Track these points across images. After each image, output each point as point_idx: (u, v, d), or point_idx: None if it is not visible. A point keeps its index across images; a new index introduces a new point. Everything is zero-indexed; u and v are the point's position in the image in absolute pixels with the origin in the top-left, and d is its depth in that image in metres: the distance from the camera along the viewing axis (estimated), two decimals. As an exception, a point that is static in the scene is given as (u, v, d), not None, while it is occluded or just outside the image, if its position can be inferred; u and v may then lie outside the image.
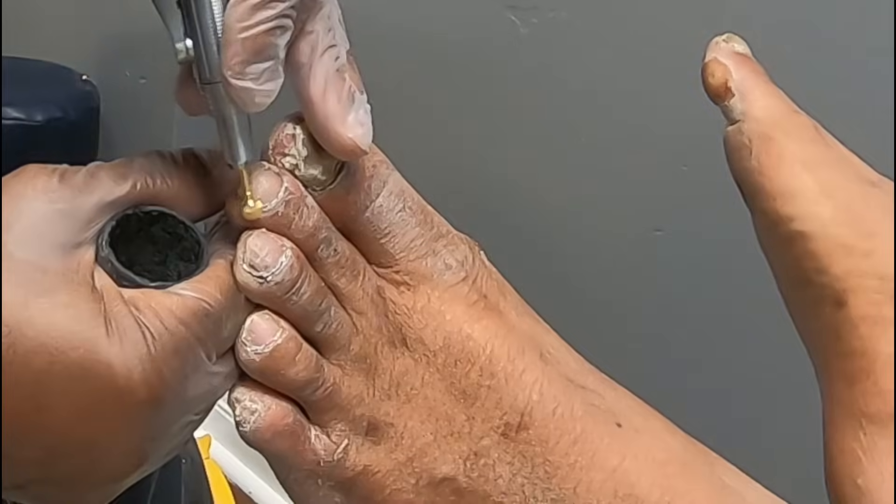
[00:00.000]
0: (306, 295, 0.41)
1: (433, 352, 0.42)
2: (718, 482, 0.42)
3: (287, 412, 0.41)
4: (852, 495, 0.38)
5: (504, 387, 0.42)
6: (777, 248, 0.41)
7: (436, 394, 0.42)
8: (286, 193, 0.41)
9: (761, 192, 0.41)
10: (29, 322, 0.37)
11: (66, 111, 1.49)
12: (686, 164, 0.96)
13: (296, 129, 0.42)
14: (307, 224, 0.41)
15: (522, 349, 0.43)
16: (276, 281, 0.40)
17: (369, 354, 0.42)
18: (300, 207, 0.41)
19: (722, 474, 0.42)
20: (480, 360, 0.42)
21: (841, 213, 0.40)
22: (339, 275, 0.42)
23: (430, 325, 0.42)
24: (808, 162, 0.41)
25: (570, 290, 1.04)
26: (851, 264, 0.39)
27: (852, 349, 0.39)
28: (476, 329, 0.42)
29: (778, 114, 0.42)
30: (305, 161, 0.42)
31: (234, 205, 0.42)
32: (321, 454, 0.42)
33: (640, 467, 0.41)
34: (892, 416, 0.38)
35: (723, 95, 0.42)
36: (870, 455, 0.38)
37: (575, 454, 0.41)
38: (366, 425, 0.42)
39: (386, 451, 0.42)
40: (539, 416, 0.41)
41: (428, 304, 0.43)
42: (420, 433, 0.42)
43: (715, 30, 0.44)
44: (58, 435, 0.38)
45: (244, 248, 0.40)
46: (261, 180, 0.41)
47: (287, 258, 0.40)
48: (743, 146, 0.41)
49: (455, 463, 0.42)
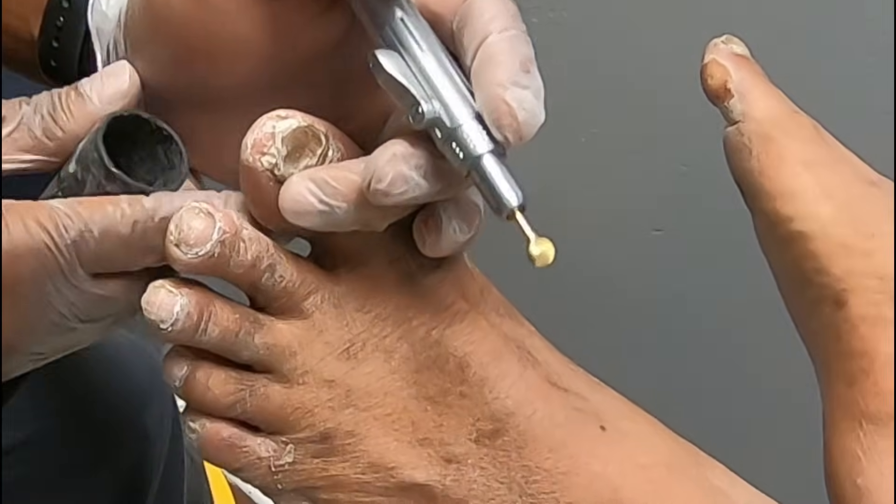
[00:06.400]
0: (214, 334, 0.41)
1: (398, 359, 0.42)
2: (706, 484, 0.41)
3: (219, 428, 0.42)
4: (852, 495, 0.38)
5: (476, 393, 0.41)
6: (777, 248, 0.41)
7: (400, 402, 0.41)
8: (220, 234, 0.40)
9: (761, 193, 0.41)
10: None
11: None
12: (686, 164, 0.96)
13: (275, 126, 0.41)
14: (246, 259, 0.41)
15: (499, 353, 0.42)
16: (176, 330, 0.41)
17: (318, 368, 0.41)
18: (236, 244, 0.41)
19: (711, 476, 0.42)
20: (449, 367, 0.41)
21: (841, 213, 0.40)
22: (287, 298, 0.42)
23: (394, 331, 0.42)
24: (808, 162, 0.41)
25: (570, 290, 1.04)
26: (851, 264, 0.39)
27: (852, 349, 0.39)
28: (446, 334, 0.42)
29: (777, 114, 0.42)
30: (285, 160, 0.41)
31: None
32: (270, 460, 0.42)
33: (623, 472, 0.41)
34: (892, 416, 0.38)
35: (722, 96, 0.42)
36: (870, 455, 0.38)
37: (554, 459, 0.41)
38: (318, 435, 0.41)
39: (343, 459, 0.41)
40: (515, 423, 0.41)
41: (395, 310, 0.42)
42: (383, 442, 0.41)
43: (714, 31, 0.44)
44: None
45: (144, 300, 0.41)
46: (191, 224, 0.40)
47: (182, 307, 0.41)
48: (743, 147, 0.41)
49: (425, 469, 0.41)
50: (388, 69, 0.39)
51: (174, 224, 0.40)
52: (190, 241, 0.40)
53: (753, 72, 0.42)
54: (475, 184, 0.38)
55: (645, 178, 0.99)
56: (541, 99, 0.38)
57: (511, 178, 0.38)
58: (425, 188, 0.39)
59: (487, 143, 0.38)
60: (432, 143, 0.39)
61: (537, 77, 0.39)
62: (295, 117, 0.41)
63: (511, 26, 0.39)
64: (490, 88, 0.38)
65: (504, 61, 0.38)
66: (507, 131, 0.38)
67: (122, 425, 0.68)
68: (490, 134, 0.38)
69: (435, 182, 0.39)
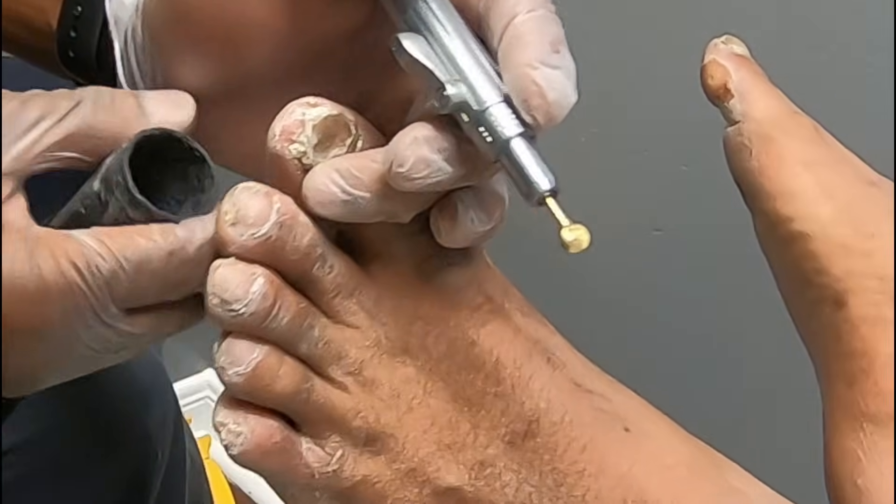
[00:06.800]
0: (285, 320, 0.39)
1: (436, 359, 0.41)
2: (727, 485, 0.41)
3: (273, 430, 0.40)
4: (852, 495, 0.38)
5: (511, 394, 0.41)
6: (777, 248, 0.41)
7: (439, 402, 0.41)
8: (279, 215, 0.39)
9: (761, 193, 0.41)
10: None
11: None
12: (686, 164, 0.96)
13: (305, 114, 0.39)
14: (301, 244, 0.39)
15: (529, 354, 0.42)
16: (249, 312, 0.38)
17: (364, 368, 0.41)
18: (294, 228, 0.39)
19: (730, 477, 0.42)
20: (486, 367, 0.41)
21: (841, 213, 0.40)
22: (335, 293, 0.40)
23: (432, 331, 0.41)
24: (808, 162, 0.41)
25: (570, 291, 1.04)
26: (851, 265, 0.39)
27: (852, 349, 0.39)
28: (481, 334, 0.41)
29: (777, 114, 0.42)
30: (315, 149, 0.39)
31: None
32: (315, 466, 0.41)
33: (648, 472, 0.41)
34: (892, 417, 0.38)
35: (722, 97, 0.42)
36: (870, 455, 0.38)
37: (584, 462, 0.40)
38: (364, 437, 0.41)
39: (386, 462, 0.41)
40: (547, 424, 0.41)
41: (431, 309, 0.41)
42: (422, 443, 0.41)
43: (714, 31, 0.44)
44: None
45: (212, 279, 0.39)
46: (249, 203, 0.39)
47: (259, 286, 0.38)
48: (743, 147, 0.41)
49: (460, 472, 0.40)
50: (411, 52, 0.38)
51: (230, 203, 0.39)
52: (248, 221, 0.38)
53: (753, 72, 0.42)
54: (504, 168, 0.37)
55: (645, 178, 0.99)
56: (572, 80, 0.37)
57: (542, 161, 0.37)
58: (448, 172, 0.38)
59: (517, 125, 0.37)
60: (456, 127, 0.38)
61: (568, 57, 0.37)
62: (325, 105, 0.40)
63: (539, 6, 0.38)
64: (518, 69, 0.37)
65: (532, 41, 0.37)
66: (537, 112, 0.36)
67: (123, 425, 0.68)
68: (519, 117, 0.37)
69: (459, 166, 0.38)
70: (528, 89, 0.36)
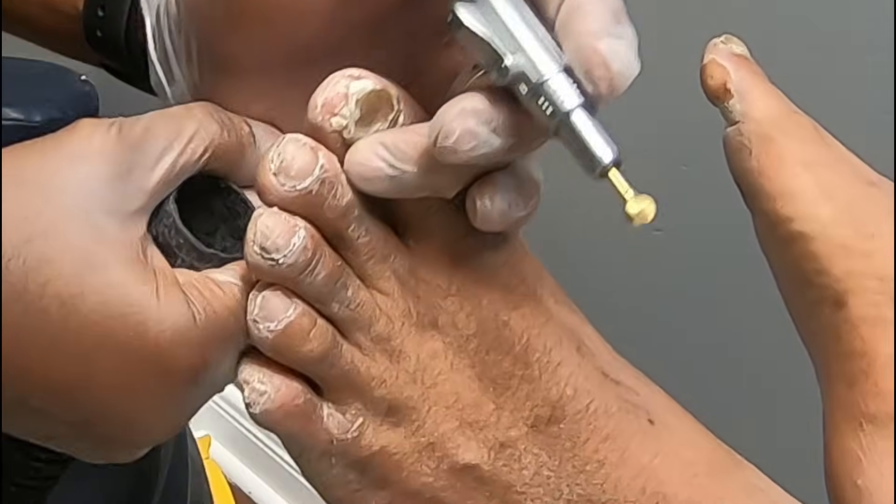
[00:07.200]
0: (321, 276, 0.39)
1: (465, 337, 0.41)
2: (747, 483, 0.41)
3: (297, 392, 0.40)
4: (852, 496, 0.38)
5: (538, 378, 0.41)
6: (777, 248, 0.41)
7: (464, 380, 0.41)
8: (322, 171, 0.38)
9: (761, 193, 0.41)
10: (82, 298, 0.37)
11: (64, 112, 1.47)
12: (686, 164, 0.96)
13: (349, 87, 0.38)
14: (340, 204, 0.39)
15: (560, 340, 0.42)
16: (288, 263, 0.38)
17: (393, 337, 0.40)
18: (335, 186, 0.39)
19: (749, 476, 0.42)
20: (515, 350, 0.41)
21: (841, 213, 0.40)
22: (368, 256, 0.40)
23: (464, 308, 0.41)
24: (808, 162, 0.41)
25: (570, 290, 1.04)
26: (851, 265, 0.39)
27: (852, 350, 0.39)
28: (513, 316, 0.41)
29: (777, 114, 0.42)
30: (357, 123, 0.38)
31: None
32: (334, 433, 0.40)
33: (669, 466, 0.41)
34: (892, 417, 0.38)
35: (722, 97, 0.42)
36: (870, 456, 0.38)
37: (605, 451, 0.40)
38: (386, 407, 0.40)
39: (406, 434, 0.40)
40: (572, 411, 0.41)
41: (464, 285, 0.41)
42: (444, 419, 0.40)
43: (714, 31, 0.44)
44: (100, 406, 0.39)
45: (255, 228, 0.38)
46: (296, 155, 0.38)
47: (300, 238, 0.38)
48: (743, 147, 0.41)
49: (479, 451, 0.40)
50: (468, 23, 0.37)
51: (276, 152, 0.38)
52: (291, 172, 0.38)
53: (753, 72, 0.42)
54: (564, 141, 0.37)
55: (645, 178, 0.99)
56: (635, 50, 0.37)
57: (605, 132, 0.36)
58: (496, 144, 0.37)
59: (578, 96, 0.36)
60: (504, 99, 0.37)
61: (630, 27, 0.37)
62: (369, 78, 0.39)
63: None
64: (580, 38, 0.36)
65: (594, 11, 0.36)
66: (601, 82, 0.36)
67: None
68: (580, 87, 0.36)
69: (506, 138, 0.37)
70: (591, 59, 0.36)
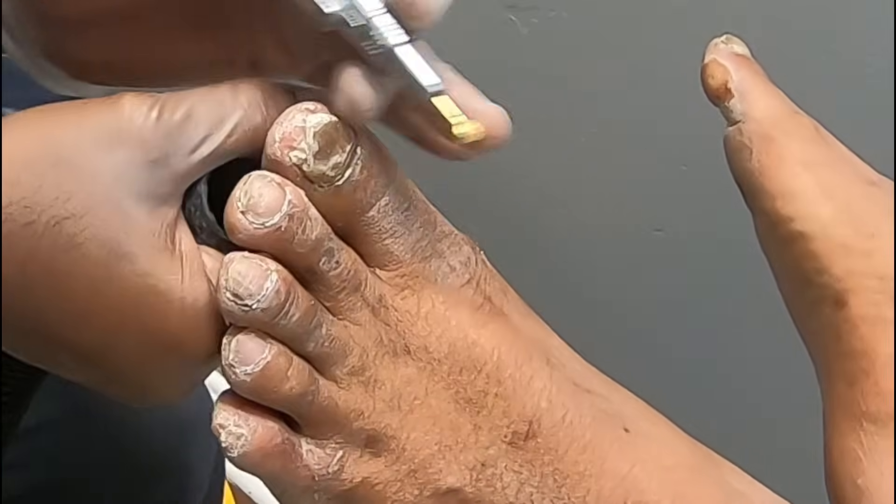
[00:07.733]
0: (295, 317, 0.39)
1: (438, 360, 0.41)
2: (727, 486, 0.41)
3: (274, 433, 0.40)
4: (852, 495, 0.38)
5: (512, 394, 0.41)
6: (777, 248, 0.41)
7: (441, 403, 0.41)
8: (289, 207, 0.38)
9: (761, 193, 0.41)
10: (109, 283, 0.38)
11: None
12: (686, 164, 0.96)
13: (305, 120, 0.39)
14: (310, 238, 0.39)
15: (529, 354, 0.42)
16: (261, 308, 0.38)
17: (367, 367, 0.40)
18: (303, 221, 0.39)
19: (730, 478, 0.42)
20: (487, 368, 0.41)
21: (841, 213, 0.40)
22: (340, 288, 0.40)
23: (434, 331, 0.41)
24: (809, 162, 0.41)
25: (570, 291, 1.04)
26: (851, 264, 0.39)
27: (852, 349, 0.39)
28: (482, 335, 0.41)
29: (778, 114, 0.42)
30: (316, 156, 0.39)
31: None
32: (315, 469, 0.40)
33: (649, 473, 0.40)
34: (892, 416, 0.38)
35: (723, 97, 0.42)
36: (870, 455, 0.38)
37: (584, 462, 0.40)
38: (365, 438, 0.40)
39: (387, 463, 0.40)
40: (548, 424, 0.41)
41: (432, 309, 0.41)
42: (424, 444, 0.40)
43: (714, 31, 0.44)
44: (117, 374, 0.40)
45: (226, 274, 0.38)
46: (262, 192, 0.38)
47: (272, 283, 0.38)
48: (743, 147, 0.41)
49: (461, 473, 0.40)
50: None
51: (243, 190, 0.38)
52: (259, 210, 0.38)
53: (754, 72, 0.42)
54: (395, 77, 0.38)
55: (645, 178, 0.99)
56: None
57: (428, 63, 0.38)
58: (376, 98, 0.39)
59: (400, 33, 0.38)
60: None
61: None
62: (325, 111, 0.39)
63: None
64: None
65: None
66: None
67: (162, 457, 0.68)
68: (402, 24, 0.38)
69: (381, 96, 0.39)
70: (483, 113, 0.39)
